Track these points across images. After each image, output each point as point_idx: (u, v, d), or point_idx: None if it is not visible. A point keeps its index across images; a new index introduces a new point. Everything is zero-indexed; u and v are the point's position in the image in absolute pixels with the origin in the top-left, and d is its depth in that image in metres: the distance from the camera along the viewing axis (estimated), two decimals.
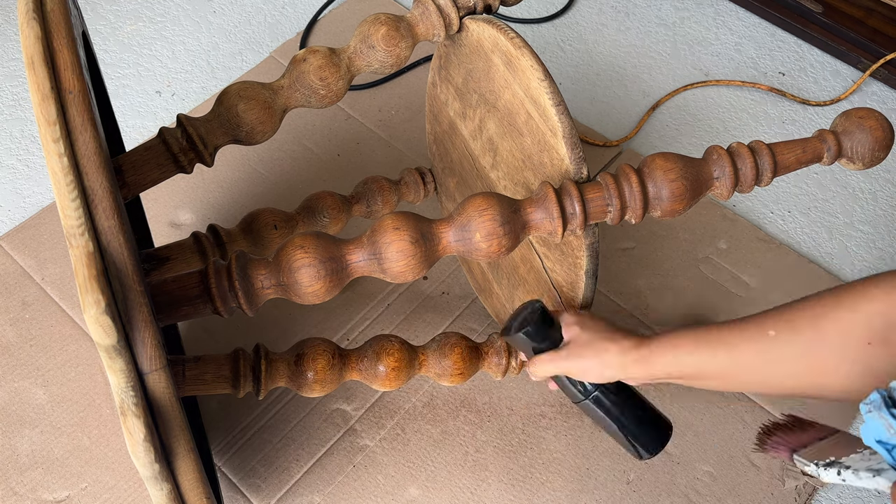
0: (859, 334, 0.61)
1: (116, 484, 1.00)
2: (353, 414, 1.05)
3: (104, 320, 0.53)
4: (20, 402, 1.05)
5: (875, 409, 0.67)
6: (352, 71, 0.83)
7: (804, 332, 0.64)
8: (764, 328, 0.66)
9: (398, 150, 1.31)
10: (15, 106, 1.37)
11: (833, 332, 0.63)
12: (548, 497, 0.99)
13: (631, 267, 1.19)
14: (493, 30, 0.81)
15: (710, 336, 0.70)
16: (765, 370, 0.68)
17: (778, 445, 0.81)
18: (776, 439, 0.81)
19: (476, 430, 1.04)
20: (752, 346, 0.67)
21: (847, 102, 1.40)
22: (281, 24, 1.50)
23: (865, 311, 0.62)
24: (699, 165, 0.75)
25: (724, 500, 0.99)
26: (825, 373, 0.64)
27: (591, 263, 0.80)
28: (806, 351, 0.65)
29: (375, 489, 1.00)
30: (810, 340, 0.64)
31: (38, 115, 0.56)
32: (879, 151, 0.78)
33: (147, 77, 1.41)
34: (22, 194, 1.26)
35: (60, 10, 0.61)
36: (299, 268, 0.70)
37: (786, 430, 0.80)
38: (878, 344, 0.60)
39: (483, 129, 0.92)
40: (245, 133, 0.80)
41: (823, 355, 0.64)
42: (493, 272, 1.05)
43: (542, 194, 0.73)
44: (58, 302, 1.14)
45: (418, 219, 0.72)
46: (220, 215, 1.23)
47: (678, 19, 1.53)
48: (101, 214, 0.57)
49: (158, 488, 0.63)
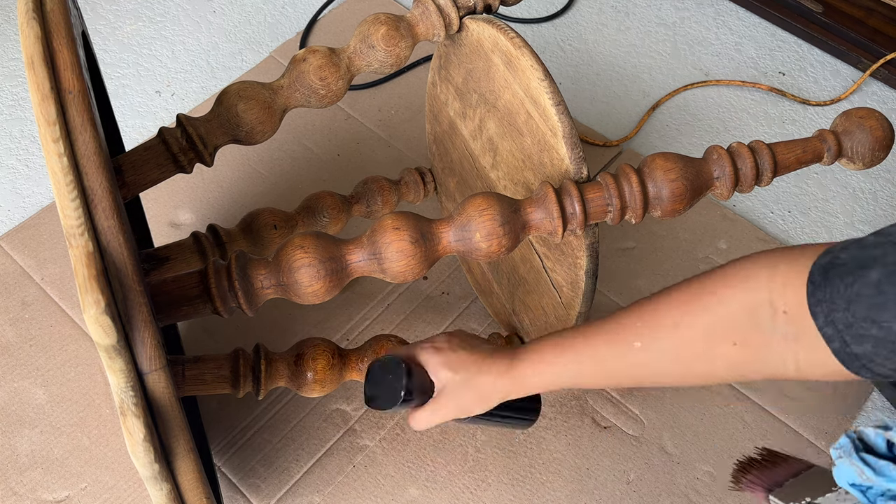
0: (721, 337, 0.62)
1: (116, 484, 1.00)
2: (353, 414, 1.05)
3: (104, 320, 0.53)
4: (20, 402, 1.05)
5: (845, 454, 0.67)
6: (352, 71, 0.83)
7: (668, 339, 0.64)
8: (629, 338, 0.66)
9: (398, 150, 1.31)
10: (15, 106, 1.37)
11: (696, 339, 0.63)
12: (548, 497, 0.99)
13: (631, 267, 1.19)
14: (493, 30, 0.81)
15: (577, 347, 0.69)
16: (635, 375, 0.69)
17: (753, 484, 0.81)
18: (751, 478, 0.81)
19: (476, 430, 1.04)
20: (620, 359, 0.67)
21: (847, 102, 1.40)
22: (281, 24, 1.50)
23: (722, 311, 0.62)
24: (699, 165, 0.75)
25: (724, 500, 0.99)
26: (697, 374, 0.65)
27: (591, 263, 0.80)
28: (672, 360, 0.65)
29: (375, 489, 1.00)
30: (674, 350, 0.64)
31: (38, 115, 0.56)
32: (879, 151, 0.78)
33: (147, 77, 1.41)
34: (22, 194, 1.26)
35: (60, 10, 0.61)
36: (299, 268, 0.70)
37: (760, 468, 0.80)
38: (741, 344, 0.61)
39: (483, 129, 0.92)
40: (245, 133, 0.80)
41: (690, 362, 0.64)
42: (493, 272, 1.05)
43: (542, 194, 0.73)
44: (57, 302, 1.14)
45: (418, 219, 0.72)
46: (220, 215, 1.23)
47: (678, 19, 1.53)
48: (100, 214, 0.57)
49: (158, 488, 0.63)
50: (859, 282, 0.53)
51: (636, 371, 0.68)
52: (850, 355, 0.55)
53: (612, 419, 1.05)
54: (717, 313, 0.62)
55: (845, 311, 0.54)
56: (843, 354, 0.56)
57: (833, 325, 0.55)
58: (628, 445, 1.03)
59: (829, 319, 0.55)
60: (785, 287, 0.59)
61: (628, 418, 1.05)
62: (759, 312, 0.60)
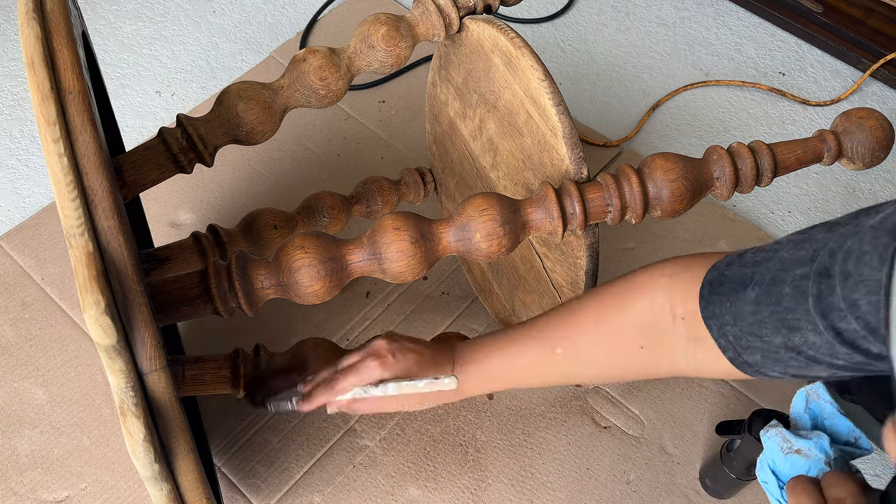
0: (631, 340, 0.67)
1: (116, 484, 1.00)
2: (353, 414, 1.05)
3: (104, 320, 0.53)
4: (20, 402, 1.05)
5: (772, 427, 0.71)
6: (352, 71, 0.83)
7: (584, 347, 0.70)
8: (551, 345, 0.71)
9: (398, 150, 1.31)
10: (15, 106, 1.37)
11: (610, 344, 0.69)
12: (548, 497, 0.99)
13: (631, 267, 1.18)
14: (493, 30, 0.81)
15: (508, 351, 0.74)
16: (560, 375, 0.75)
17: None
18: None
19: (476, 430, 1.04)
20: (542, 364, 0.73)
21: (847, 102, 1.40)
22: (281, 24, 1.50)
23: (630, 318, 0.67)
24: (699, 165, 0.75)
25: (724, 500, 0.99)
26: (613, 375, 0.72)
27: (591, 263, 0.80)
28: (589, 363, 0.71)
29: (375, 489, 1.00)
30: (592, 355, 0.70)
31: (38, 115, 0.56)
32: (879, 151, 0.78)
33: (147, 77, 1.41)
34: (22, 194, 1.26)
35: (60, 10, 0.61)
36: (299, 268, 0.70)
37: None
38: (649, 347, 0.66)
39: (483, 129, 0.92)
40: (245, 133, 0.80)
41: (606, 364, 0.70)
42: (493, 272, 1.05)
43: (542, 194, 0.73)
44: (57, 302, 1.14)
45: (418, 219, 0.72)
46: (220, 215, 1.23)
47: (678, 19, 1.53)
48: (100, 214, 0.57)
49: (158, 488, 0.63)
50: (741, 300, 0.58)
51: (560, 373, 0.74)
52: (743, 363, 0.61)
53: (612, 419, 1.05)
54: (625, 320, 0.67)
55: (733, 325, 0.59)
56: (738, 363, 0.61)
57: (725, 337, 0.60)
58: (628, 445, 1.03)
59: (721, 332, 0.61)
60: (682, 295, 0.64)
61: (628, 418, 1.05)
62: (661, 318, 0.65)
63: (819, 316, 0.52)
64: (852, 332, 0.51)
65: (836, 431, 0.73)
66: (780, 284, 0.56)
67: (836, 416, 0.73)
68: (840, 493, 0.57)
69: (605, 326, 0.69)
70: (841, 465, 0.70)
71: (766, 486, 0.73)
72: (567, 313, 0.72)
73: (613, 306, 0.69)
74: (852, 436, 0.72)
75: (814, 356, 0.55)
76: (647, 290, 0.67)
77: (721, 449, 0.94)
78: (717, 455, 0.95)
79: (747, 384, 1.07)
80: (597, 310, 0.70)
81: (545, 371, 0.74)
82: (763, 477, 0.74)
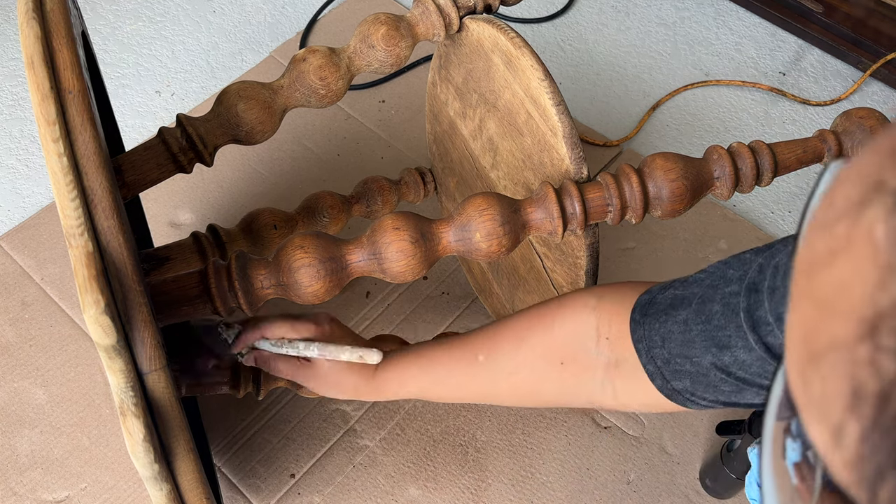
0: (552, 356, 0.66)
1: (116, 484, 0.99)
2: (353, 414, 1.05)
3: (104, 320, 0.53)
4: (20, 402, 1.05)
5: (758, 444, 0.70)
6: (352, 71, 0.83)
7: (506, 355, 0.69)
8: (474, 351, 0.71)
9: (398, 150, 1.31)
10: (15, 106, 1.37)
11: (531, 355, 0.68)
12: (548, 497, 0.99)
13: (631, 267, 1.19)
14: (493, 29, 0.81)
15: (429, 360, 0.74)
16: (478, 391, 0.74)
17: None
18: None
19: (476, 430, 1.04)
20: (463, 370, 0.72)
21: (847, 102, 1.40)
22: (281, 24, 1.50)
23: (557, 333, 0.66)
24: (699, 165, 0.75)
25: (724, 500, 0.99)
26: (529, 391, 0.70)
27: (591, 263, 0.80)
28: (509, 373, 0.70)
29: (375, 489, 1.00)
30: (512, 364, 0.69)
31: (38, 115, 0.56)
32: None
33: (147, 77, 1.41)
34: (21, 194, 1.26)
35: (60, 9, 0.61)
36: (299, 268, 0.69)
37: None
38: (568, 363, 0.65)
39: (483, 129, 0.92)
40: (245, 133, 0.80)
41: (524, 376, 0.69)
42: (493, 272, 1.05)
43: (542, 194, 0.73)
44: (57, 302, 1.13)
45: (418, 219, 0.72)
46: (220, 215, 1.23)
47: (678, 19, 1.53)
48: (100, 214, 0.57)
49: (158, 488, 0.63)
50: (671, 320, 0.57)
51: (476, 385, 0.73)
52: (672, 391, 0.59)
53: (612, 419, 1.05)
54: (550, 336, 0.67)
55: (661, 347, 0.58)
56: (666, 390, 0.59)
57: (654, 361, 0.59)
58: (628, 445, 1.03)
59: (650, 356, 0.59)
60: (610, 316, 0.63)
61: (628, 418, 1.05)
62: (585, 337, 0.64)
63: (750, 330, 0.52)
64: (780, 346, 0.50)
65: None
66: (710, 303, 0.55)
67: None
68: None
69: (529, 339, 0.68)
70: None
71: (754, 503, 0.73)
72: (497, 325, 0.72)
73: (541, 321, 0.68)
74: None
75: (744, 377, 0.54)
76: (578, 309, 0.66)
77: (721, 449, 0.94)
78: (717, 455, 0.95)
79: None
80: (525, 323, 0.69)
81: (463, 379, 0.73)
82: (751, 494, 0.73)
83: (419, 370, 0.75)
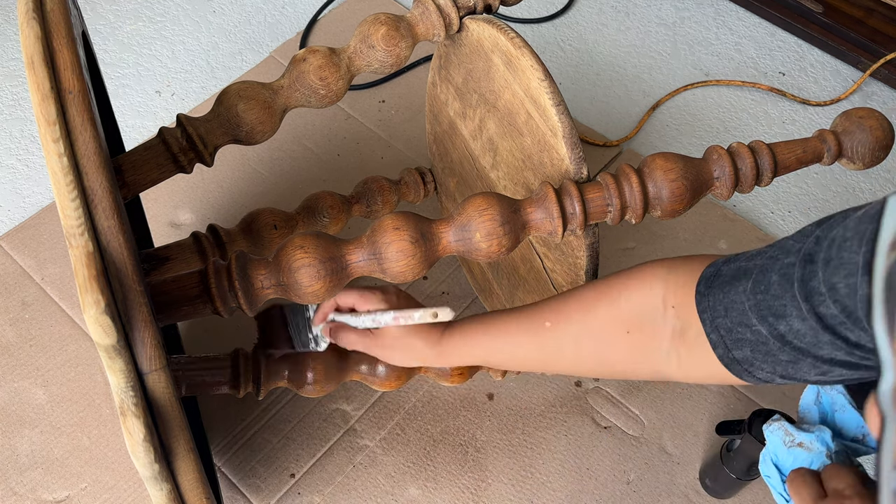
0: (619, 325, 0.68)
1: (116, 484, 1.00)
2: (353, 414, 1.05)
3: (104, 320, 0.53)
4: (20, 402, 1.05)
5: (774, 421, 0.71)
6: (352, 71, 0.83)
7: (574, 323, 0.71)
8: (541, 319, 0.73)
9: (398, 150, 1.31)
10: (15, 106, 1.37)
11: (597, 324, 0.69)
12: (548, 497, 0.99)
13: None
14: (493, 30, 0.81)
15: (496, 326, 0.76)
16: (542, 357, 0.75)
17: None
18: None
19: (476, 430, 1.04)
20: (530, 337, 0.73)
21: (847, 102, 1.40)
22: (281, 24, 1.50)
23: (623, 304, 0.68)
24: (699, 165, 0.75)
25: (724, 500, 0.99)
26: (594, 360, 0.72)
27: (591, 264, 0.80)
28: (575, 340, 0.71)
29: (375, 489, 1.00)
30: (579, 332, 0.71)
31: (38, 115, 0.56)
32: (879, 151, 0.78)
33: (147, 77, 1.41)
34: (22, 194, 1.26)
35: (60, 9, 0.61)
36: (299, 268, 0.70)
37: None
38: (634, 332, 0.67)
39: (483, 129, 0.92)
40: (245, 133, 0.80)
41: (591, 344, 0.71)
42: (493, 272, 1.05)
43: (542, 194, 0.73)
44: (57, 302, 1.14)
45: (418, 219, 0.72)
46: (220, 215, 1.23)
47: (678, 19, 1.53)
48: (100, 214, 0.57)
49: (158, 488, 0.63)
50: (734, 290, 0.59)
51: (542, 352, 0.74)
52: (732, 360, 0.61)
53: (612, 419, 1.05)
54: (618, 306, 0.68)
55: (724, 317, 0.60)
56: (726, 359, 0.61)
57: (717, 330, 0.61)
58: (628, 445, 1.03)
59: (713, 325, 0.61)
60: (677, 287, 0.65)
61: (628, 418, 1.05)
62: (653, 307, 0.66)
63: (803, 300, 0.53)
64: (832, 317, 0.52)
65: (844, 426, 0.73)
66: (769, 273, 0.57)
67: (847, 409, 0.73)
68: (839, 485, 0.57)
69: (596, 308, 0.70)
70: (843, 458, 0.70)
71: (768, 480, 0.73)
72: (565, 295, 0.73)
73: (609, 291, 0.70)
74: (860, 432, 0.72)
75: (799, 347, 0.55)
76: (647, 279, 0.67)
77: (721, 449, 0.94)
78: (717, 455, 0.95)
79: (750, 386, 1.07)
80: (593, 293, 0.71)
81: (529, 347, 0.74)
82: (766, 471, 0.74)
83: (486, 337, 0.76)
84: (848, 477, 0.57)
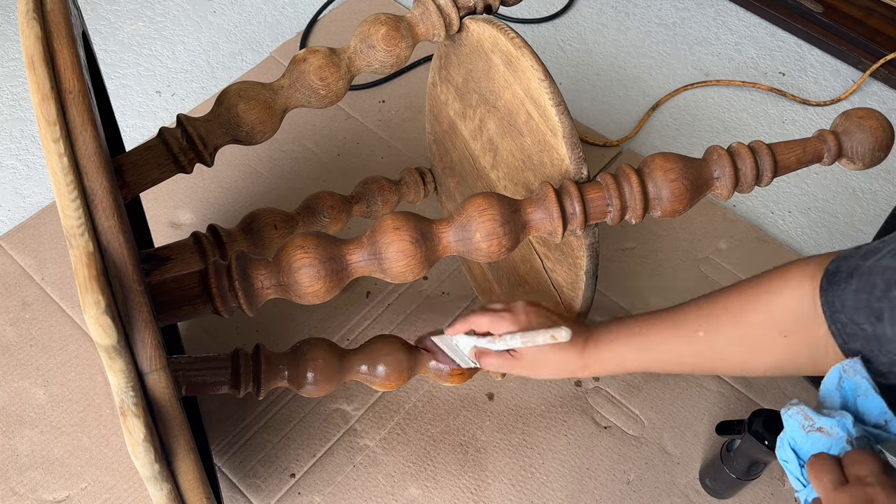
0: (776, 329, 0.68)
1: (116, 484, 1.00)
2: (353, 414, 1.05)
3: (104, 320, 0.53)
4: (20, 402, 1.05)
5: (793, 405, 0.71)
6: (352, 71, 0.83)
7: (728, 329, 0.72)
8: (693, 327, 0.73)
9: (398, 150, 1.31)
10: (15, 106, 1.37)
11: (752, 330, 0.70)
12: (548, 497, 0.99)
13: (631, 267, 1.19)
14: (493, 30, 0.81)
15: (644, 336, 0.77)
16: (696, 363, 0.76)
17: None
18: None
19: (476, 431, 1.04)
20: (684, 346, 0.74)
21: (847, 102, 1.40)
22: (281, 24, 1.50)
23: (777, 308, 0.68)
24: (699, 165, 0.75)
25: (724, 500, 0.99)
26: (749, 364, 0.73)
27: (591, 263, 0.80)
28: (729, 347, 0.72)
29: (375, 489, 1.00)
30: (732, 339, 0.72)
31: (38, 115, 0.56)
32: (879, 151, 0.78)
33: (147, 77, 1.41)
34: (22, 194, 1.26)
35: (60, 10, 0.61)
36: (299, 268, 0.70)
37: None
38: (792, 335, 0.67)
39: (483, 129, 0.92)
40: (245, 133, 0.80)
41: (744, 350, 0.71)
42: (493, 272, 1.05)
43: (542, 194, 0.73)
44: (58, 302, 1.14)
45: (418, 219, 0.72)
46: (220, 215, 1.23)
47: (678, 19, 1.53)
48: (101, 214, 0.57)
49: (158, 488, 0.63)
50: (847, 289, 0.61)
51: (698, 359, 0.75)
52: (849, 352, 0.62)
53: (612, 419, 1.05)
54: (771, 309, 0.68)
55: (840, 313, 0.62)
56: (844, 350, 0.63)
57: (835, 324, 0.62)
58: (628, 445, 1.03)
59: (833, 320, 0.62)
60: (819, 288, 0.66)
61: (628, 418, 1.05)
62: (806, 307, 0.66)
63: None
64: None
65: (866, 411, 0.72)
66: (875, 275, 0.58)
67: (871, 394, 0.72)
68: (861, 472, 0.57)
69: (749, 314, 0.70)
70: (863, 445, 0.69)
71: (786, 465, 0.72)
72: (710, 300, 0.74)
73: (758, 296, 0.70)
74: (882, 418, 0.71)
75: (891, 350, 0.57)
76: (797, 279, 0.67)
77: (721, 449, 0.94)
78: (717, 455, 0.95)
79: (747, 384, 1.07)
80: (740, 298, 0.71)
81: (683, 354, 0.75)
82: (783, 456, 0.73)
83: (633, 350, 0.77)
84: (871, 463, 0.57)
